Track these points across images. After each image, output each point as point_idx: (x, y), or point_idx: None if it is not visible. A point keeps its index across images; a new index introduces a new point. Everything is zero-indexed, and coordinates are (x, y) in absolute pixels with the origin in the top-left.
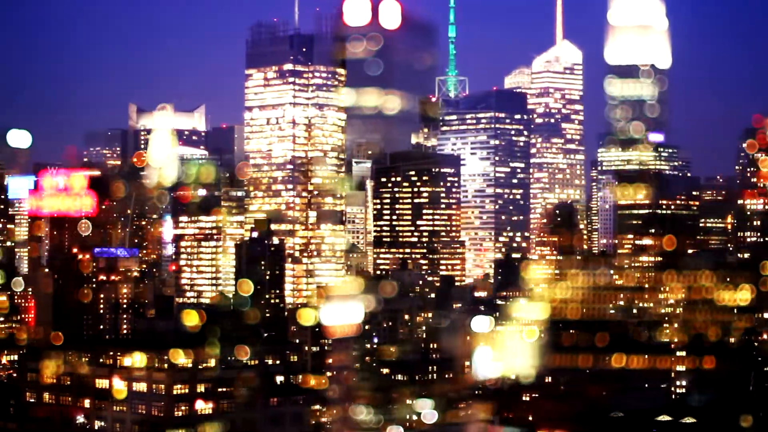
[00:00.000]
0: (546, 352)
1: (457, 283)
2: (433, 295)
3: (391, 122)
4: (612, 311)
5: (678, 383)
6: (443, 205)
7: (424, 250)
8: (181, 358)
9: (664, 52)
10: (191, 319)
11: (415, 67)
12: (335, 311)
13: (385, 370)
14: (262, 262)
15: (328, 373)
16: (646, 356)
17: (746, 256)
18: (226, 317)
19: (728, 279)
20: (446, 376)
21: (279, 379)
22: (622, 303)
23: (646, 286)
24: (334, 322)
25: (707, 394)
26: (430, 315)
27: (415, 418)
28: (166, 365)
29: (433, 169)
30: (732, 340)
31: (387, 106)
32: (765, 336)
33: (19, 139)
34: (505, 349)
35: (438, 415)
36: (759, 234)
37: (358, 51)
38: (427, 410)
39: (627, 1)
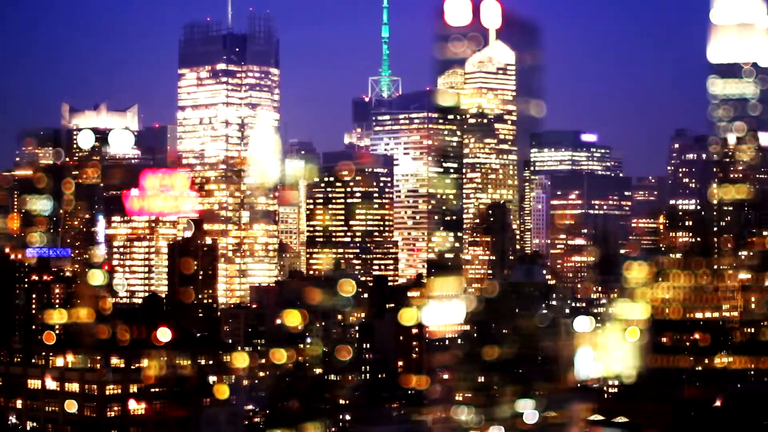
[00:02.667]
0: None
1: (390, 283)
2: (366, 296)
3: None
4: None
5: None
6: (376, 205)
7: (357, 250)
8: (114, 358)
9: (767, 51)
10: (293, 320)
11: (516, 67)
12: (437, 311)
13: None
14: (195, 262)
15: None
16: None
17: (678, 256)
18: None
19: None
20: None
21: (212, 379)
22: None
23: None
24: (436, 322)
25: None
26: (363, 315)
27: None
28: (98, 366)
29: (366, 169)
30: None
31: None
32: None
33: (121, 139)
34: None
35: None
36: (690, 234)
37: (459, 51)
38: (528, 410)
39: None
